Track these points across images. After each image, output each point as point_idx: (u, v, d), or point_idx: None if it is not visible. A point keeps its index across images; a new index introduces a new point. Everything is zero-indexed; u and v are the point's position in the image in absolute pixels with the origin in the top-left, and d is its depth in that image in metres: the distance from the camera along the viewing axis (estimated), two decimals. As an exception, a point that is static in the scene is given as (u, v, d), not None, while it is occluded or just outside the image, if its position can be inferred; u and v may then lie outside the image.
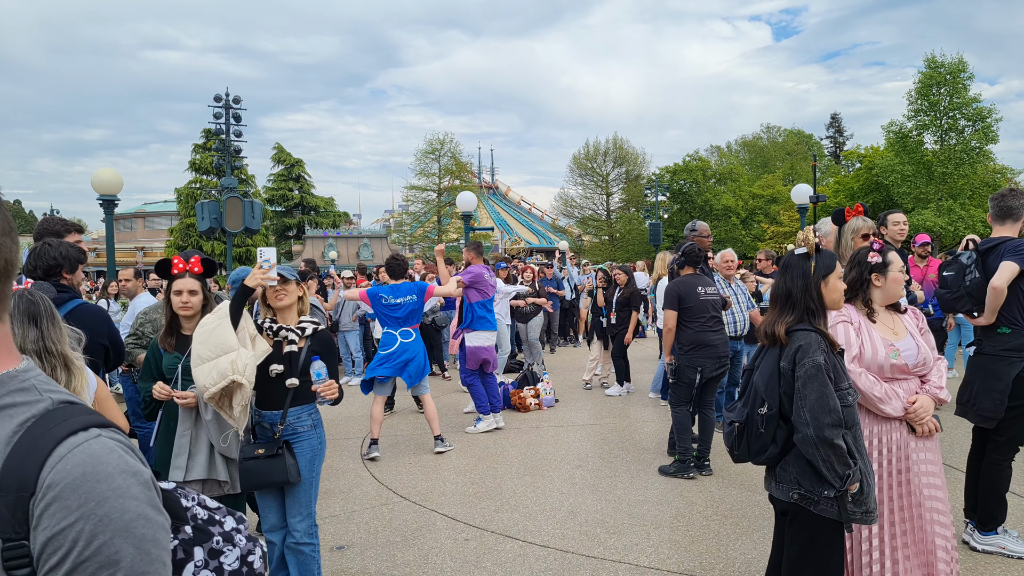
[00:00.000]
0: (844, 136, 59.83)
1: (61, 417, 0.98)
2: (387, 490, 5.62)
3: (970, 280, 3.98)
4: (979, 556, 3.98)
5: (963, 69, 31.33)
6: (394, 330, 6.61)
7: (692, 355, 5.83)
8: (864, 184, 35.67)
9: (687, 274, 6.10)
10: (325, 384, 3.26)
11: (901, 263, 3.13)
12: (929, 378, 3.06)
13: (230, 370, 3.04)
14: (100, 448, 0.96)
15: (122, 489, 0.94)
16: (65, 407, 1.01)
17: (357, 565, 4.22)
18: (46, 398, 1.01)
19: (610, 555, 4.23)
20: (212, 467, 3.37)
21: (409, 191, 44.64)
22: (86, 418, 0.99)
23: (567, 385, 10.19)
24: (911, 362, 3.00)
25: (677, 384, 5.95)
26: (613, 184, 51.55)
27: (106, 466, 0.95)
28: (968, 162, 31.33)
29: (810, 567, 2.61)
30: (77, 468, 0.93)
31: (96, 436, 0.97)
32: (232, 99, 17.78)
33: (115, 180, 11.74)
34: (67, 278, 3.61)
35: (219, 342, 3.13)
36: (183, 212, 39.68)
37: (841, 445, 2.42)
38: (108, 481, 0.94)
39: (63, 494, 0.91)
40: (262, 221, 19.01)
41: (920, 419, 2.95)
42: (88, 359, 2.41)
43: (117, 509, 0.93)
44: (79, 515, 0.91)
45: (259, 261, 3.25)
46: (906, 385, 3.02)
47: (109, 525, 0.92)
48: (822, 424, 2.42)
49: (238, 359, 3.07)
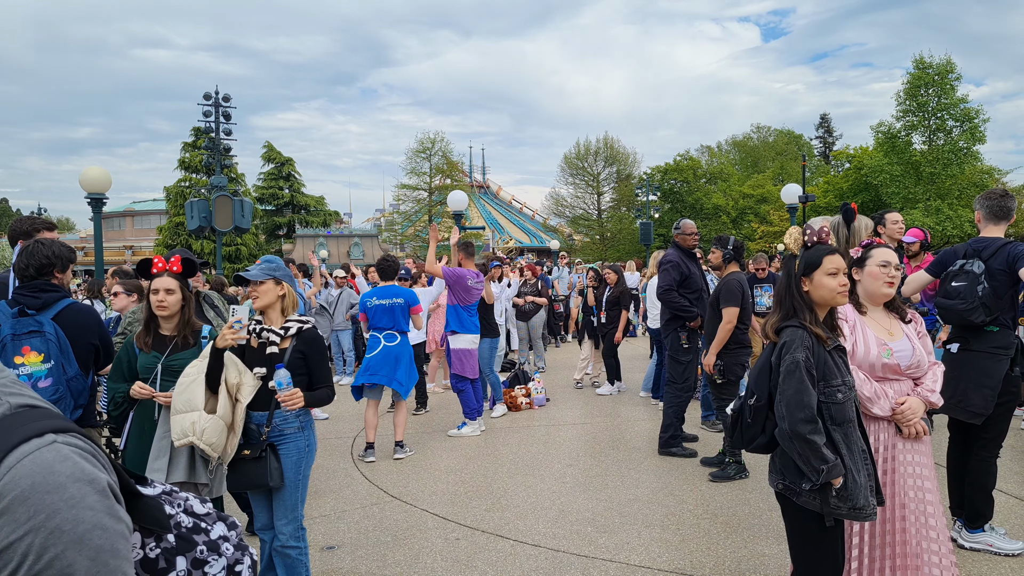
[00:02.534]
0: (834, 136, 60.10)
1: (15, 424, 0.93)
2: (378, 490, 5.61)
3: (982, 290, 3.90)
4: (967, 554, 4.01)
5: (951, 70, 31.59)
6: (379, 333, 6.58)
7: (738, 353, 5.82)
8: (853, 184, 35.88)
9: (737, 271, 6.05)
10: (288, 394, 3.16)
11: (884, 258, 3.08)
12: (922, 381, 3.05)
13: (190, 431, 3.08)
14: (52, 456, 0.91)
15: (75, 499, 0.90)
16: (24, 411, 0.96)
17: (348, 565, 4.21)
18: (3, 402, 0.96)
19: (601, 554, 4.24)
20: (192, 471, 3.31)
21: (400, 190, 44.54)
22: (42, 423, 0.95)
23: (558, 384, 10.20)
24: (904, 363, 3.00)
25: (725, 384, 5.82)
26: (604, 183, 51.65)
27: (57, 476, 0.90)
28: (956, 162, 31.60)
29: (800, 555, 2.68)
30: (26, 479, 0.89)
31: (50, 443, 0.92)
32: (222, 97, 17.68)
33: (103, 178, 11.64)
34: (58, 277, 3.59)
35: (188, 398, 3.14)
36: (172, 211, 39.37)
37: (815, 440, 2.46)
38: (60, 492, 0.89)
39: (11, 506, 0.87)
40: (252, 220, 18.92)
41: (907, 420, 2.95)
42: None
43: (70, 520, 0.89)
44: (28, 528, 0.87)
45: (230, 320, 3.14)
46: (897, 386, 3.02)
47: (61, 537, 0.88)
48: (796, 419, 2.48)
49: (198, 422, 3.09)
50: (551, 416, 8.20)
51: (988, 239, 4.08)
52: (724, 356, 5.80)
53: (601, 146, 51.10)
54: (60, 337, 3.35)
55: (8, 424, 0.93)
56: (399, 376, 6.47)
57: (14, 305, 3.39)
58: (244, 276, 3.33)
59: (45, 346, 3.30)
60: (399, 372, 6.48)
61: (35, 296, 3.42)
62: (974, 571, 3.81)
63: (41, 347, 3.28)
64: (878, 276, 3.06)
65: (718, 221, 42.37)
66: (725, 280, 5.95)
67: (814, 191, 30.93)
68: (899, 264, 3.12)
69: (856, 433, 2.59)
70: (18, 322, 3.32)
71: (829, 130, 60.45)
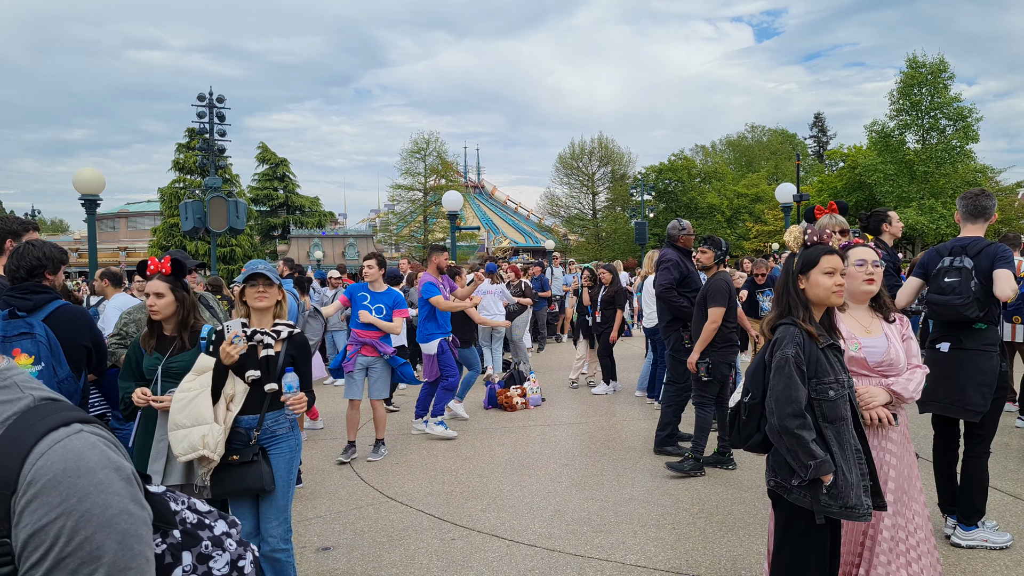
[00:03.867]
0: (827, 135, 60.38)
1: (42, 414, 0.98)
2: (373, 490, 5.60)
3: (975, 286, 3.91)
4: (962, 552, 4.01)
5: (944, 69, 31.72)
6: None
7: (725, 352, 5.86)
8: (847, 183, 35.98)
9: (724, 271, 6.07)
10: (296, 397, 3.20)
11: (860, 256, 3.10)
12: (895, 378, 3.05)
13: (200, 444, 3.07)
14: (81, 443, 0.96)
15: (104, 484, 0.94)
16: (47, 404, 1.01)
17: (343, 566, 4.20)
18: (27, 395, 1.01)
19: (597, 553, 4.24)
20: (190, 472, 3.30)
21: (395, 190, 44.52)
22: (68, 414, 0.99)
23: (554, 384, 10.20)
24: (872, 359, 3.01)
25: (711, 382, 5.88)
26: (599, 183, 51.74)
27: (87, 461, 0.94)
28: (949, 161, 31.73)
29: (787, 555, 2.67)
30: (58, 464, 0.93)
31: (78, 431, 0.97)
32: (216, 98, 17.62)
33: (97, 180, 11.61)
34: (49, 279, 3.56)
35: (195, 413, 3.13)
36: (166, 212, 39.30)
37: (803, 435, 2.47)
38: (89, 476, 0.93)
39: (44, 490, 0.91)
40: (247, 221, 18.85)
41: (866, 404, 2.95)
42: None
43: (99, 505, 0.92)
44: (60, 511, 0.90)
45: (228, 336, 3.18)
46: (866, 382, 3.04)
47: (91, 520, 0.91)
48: (784, 414, 2.50)
49: (210, 435, 3.09)
50: (547, 416, 8.20)
51: (970, 238, 4.11)
52: (711, 354, 5.85)
53: (596, 146, 51.24)
54: (51, 339, 3.32)
55: (36, 414, 0.98)
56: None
57: (4, 307, 3.37)
58: (263, 273, 3.31)
59: (35, 348, 3.27)
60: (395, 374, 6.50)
61: (25, 298, 3.39)
62: (969, 569, 3.82)
63: (31, 349, 3.26)
64: (855, 275, 3.10)
65: (712, 220, 42.46)
66: (713, 280, 5.99)
67: (808, 190, 30.96)
68: (877, 261, 3.15)
69: (850, 432, 2.59)
70: (8, 324, 3.30)
71: (823, 129, 60.69)
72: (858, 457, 2.58)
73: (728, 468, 5.87)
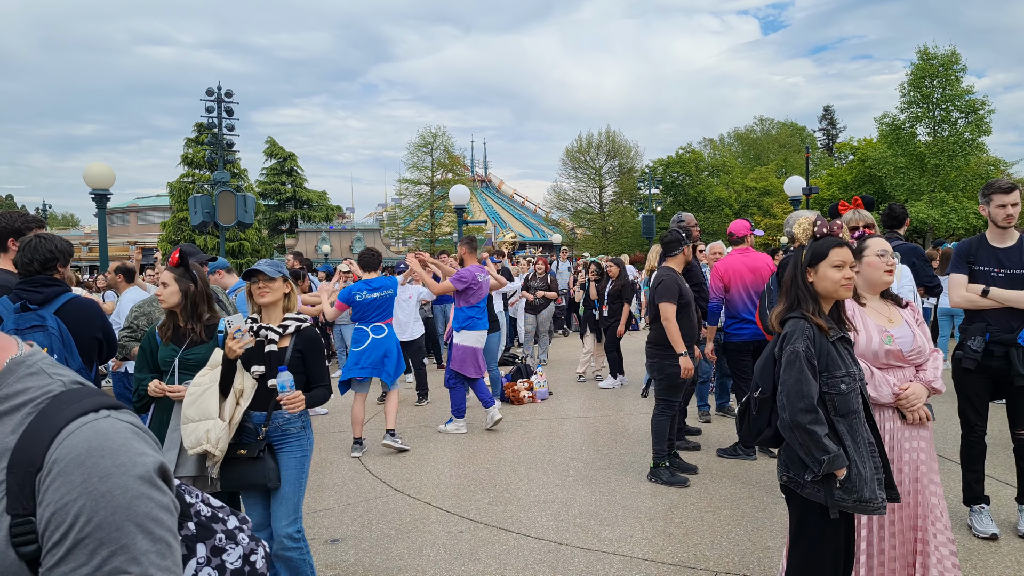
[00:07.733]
0: (837, 128, 59.94)
1: (72, 399, 1.00)
2: (381, 483, 5.62)
3: None
4: (975, 544, 4.00)
5: (955, 61, 31.39)
6: (366, 326, 6.54)
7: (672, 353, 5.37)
8: (857, 176, 35.77)
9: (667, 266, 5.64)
10: (290, 396, 3.15)
11: (880, 247, 3.11)
12: (924, 368, 3.07)
13: (204, 439, 3.13)
14: (107, 426, 0.97)
15: (127, 466, 0.95)
16: (77, 389, 1.03)
17: (351, 558, 4.22)
18: (56, 381, 1.03)
19: (604, 547, 4.24)
20: (202, 464, 3.32)
21: (402, 185, 44.43)
22: (97, 399, 1.01)
23: (561, 378, 10.20)
24: (906, 349, 3.01)
25: (676, 387, 5.47)
26: (606, 177, 51.53)
27: (111, 442, 0.96)
28: (961, 154, 31.44)
29: (801, 550, 2.66)
30: (83, 444, 0.94)
31: (105, 416, 0.99)
32: (224, 92, 17.65)
33: (107, 174, 11.64)
34: (60, 271, 3.60)
35: (203, 407, 3.18)
36: (175, 206, 39.39)
37: (815, 430, 2.46)
38: (113, 457, 0.94)
39: (67, 469, 0.92)
40: (255, 215, 18.91)
41: (912, 406, 2.96)
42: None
43: (120, 486, 0.93)
44: (81, 490, 0.92)
45: (231, 332, 3.15)
46: (900, 374, 3.03)
47: (112, 501, 0.92)
48: (796, 409, 2.48)
49: (213, 430, 3.13)
50: (554, 410, 8.20)
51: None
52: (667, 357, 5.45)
53: (603, 139, 50.97)
54: (63, 331, 3.35)
55: (66, 399, 1.00)
56: (388, 368, 6.45)
57: (16, 300, 3.39)
58: (259, 269, 3.31)
59: (48, 340, 3.30)
60: (388, 364, 6.45)
61: (37, 291, 3.42)
62: (980, 563, 3.80)
63: (44, 341, 3.28)
64: (878, 265, 3.10)
65: (720, 214, 42.28)
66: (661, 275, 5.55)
67: (818, 183, 30.79)
68: (894, 252, 3.19)
69: (862, 425, 2.57)
70: (20, 317, 3.32)
71: (833, 122, 60.27)
72: (871, 450, 2.56)
73: (749, 459, 5.88)
